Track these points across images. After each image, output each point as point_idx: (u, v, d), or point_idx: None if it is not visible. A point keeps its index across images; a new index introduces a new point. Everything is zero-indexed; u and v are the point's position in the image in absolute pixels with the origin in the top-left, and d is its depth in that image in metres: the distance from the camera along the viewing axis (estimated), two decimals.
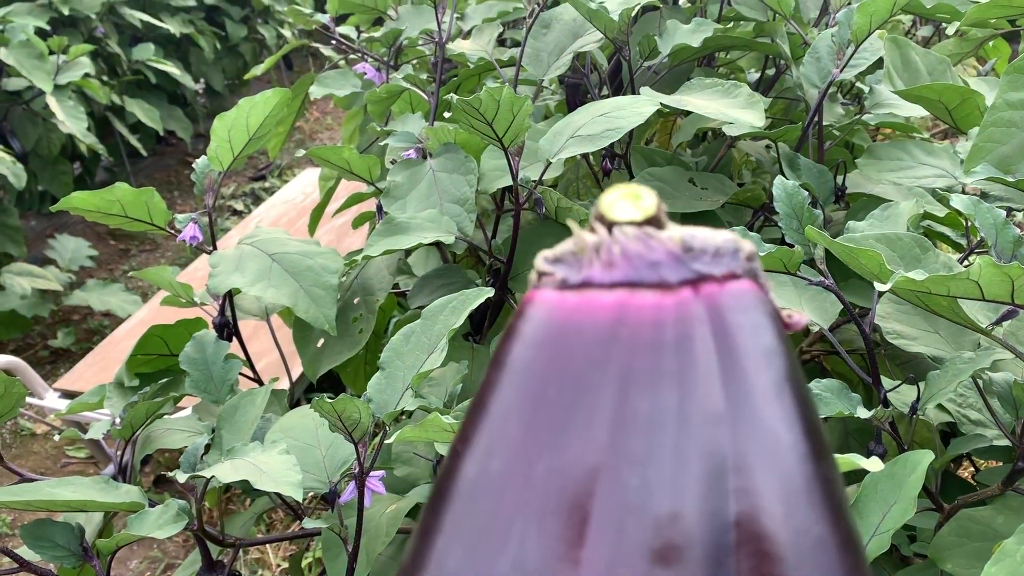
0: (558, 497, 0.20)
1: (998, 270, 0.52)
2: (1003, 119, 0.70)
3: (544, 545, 0.19)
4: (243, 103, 0.95)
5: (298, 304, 0.88)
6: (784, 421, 0.21)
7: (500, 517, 0.20)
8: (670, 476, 0.20)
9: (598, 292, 0.22)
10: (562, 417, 0.20)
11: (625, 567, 0.19)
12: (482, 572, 0.19)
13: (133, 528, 0.69)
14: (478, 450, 0.21)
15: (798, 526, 0.20)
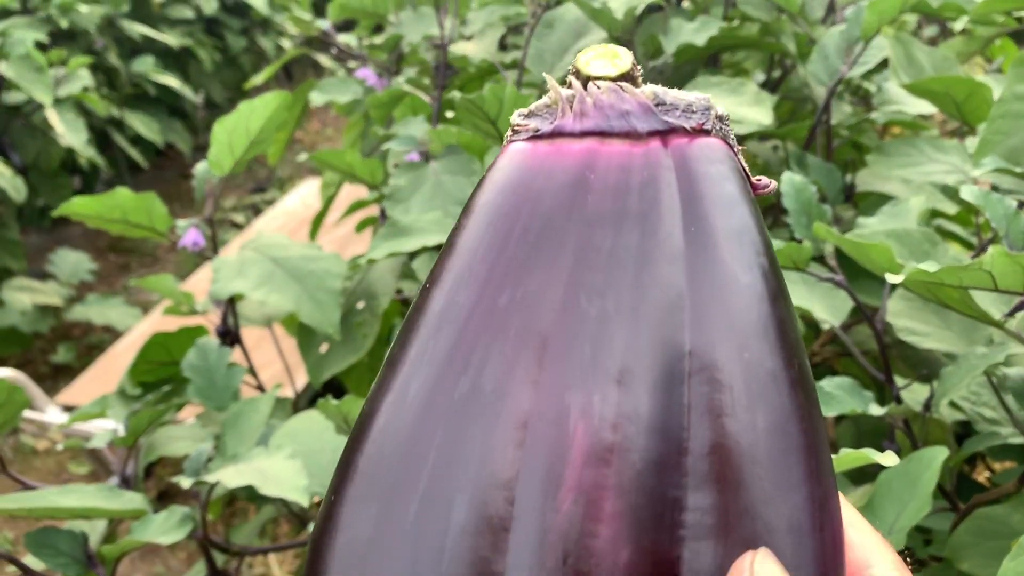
0: (519, 326, 0.20)
1: (1011, 259, 0.51)
2: (1011, 111, 0.70)
3: (503, 369, 0.20)
4: (243, 106, 0.94)
5: (301, 308, 0.87)
6: (742, 264, 0.21)
7: (463, 344, 0.21)
8: (627, 307, 0.20)
9: (569, 140, 0.23)
10: (527, 254, 0.21)
11: (580, 389, 0.20)
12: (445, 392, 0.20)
13: (137, 534, 0.68)
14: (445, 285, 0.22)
15: (750, 359, 0.20)
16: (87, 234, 3.47)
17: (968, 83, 0.82)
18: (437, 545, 0.19)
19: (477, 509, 0.20)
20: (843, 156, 1.14)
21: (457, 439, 0.20)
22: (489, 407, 0.20)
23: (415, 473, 0.20)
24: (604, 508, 0.19)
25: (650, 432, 0.20)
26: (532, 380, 0.20)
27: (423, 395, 0.21)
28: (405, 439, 0.21)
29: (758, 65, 1.50)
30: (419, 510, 0.20)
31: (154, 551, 2.07)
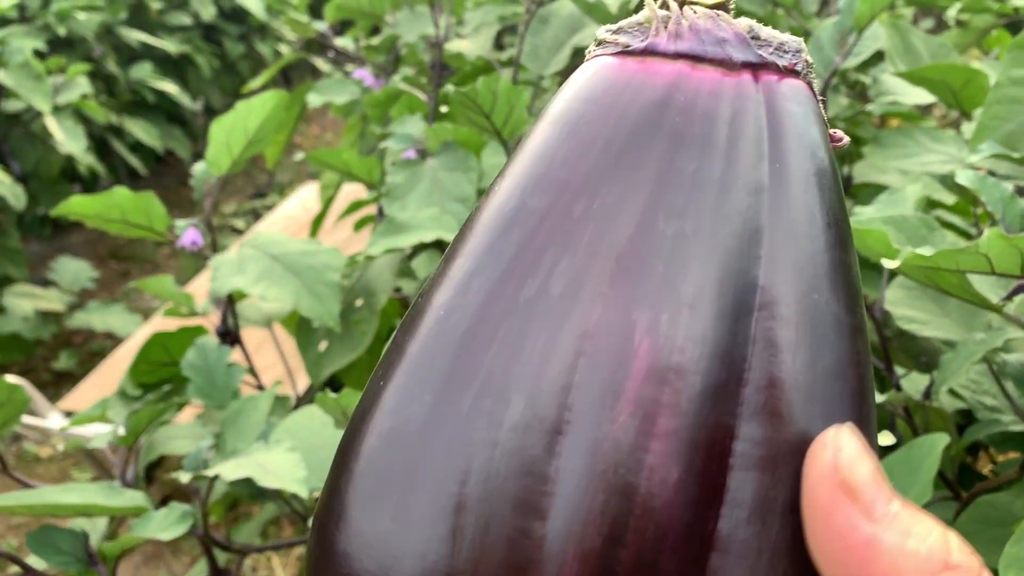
0: (593, 236, 0.20)
1: (1007, 242, 0.51)
2: (1008, 96, 0.70)
3: (572, 276, 0.20)
4: (240, 106, 0.95)
5: (301, 302, 0.87)
6: (820, 207, 0.22)
7: (533, 246, 0.20)
8: (706, 232, 0.20)
9: (660, 60, 0.22)
10: (608, 166, 0.21)
11: (649, 307, 0.20)
12: (510, 291, 0.20)
13: (138, 530, 0.68)
14: (517, 187, 0.21)
15: (819, 301, 0.21)
16: (88, 242, 3.48)
17: (965, 70, 0.82)
18: (491, 439, 0.19)
19: (533, 409, 0.20)
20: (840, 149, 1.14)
21: (519, 339, 0.20)
22: (555, 312, 0.20)
23: (473, 367, 0.20)
24: (659, 425, 0.20)
25: (712, 358, 0.20)
26: (601, 291, 0.20)
27: (487, 291, 0.21)
28: (465, 332, 0.20)
29: None
30: (475, 402, 0.20)
31: (158, 556, 2.07)
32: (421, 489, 0.20)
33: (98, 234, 3.52)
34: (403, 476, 0.20)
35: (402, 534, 0.20)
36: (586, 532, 0.19)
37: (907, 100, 1.00)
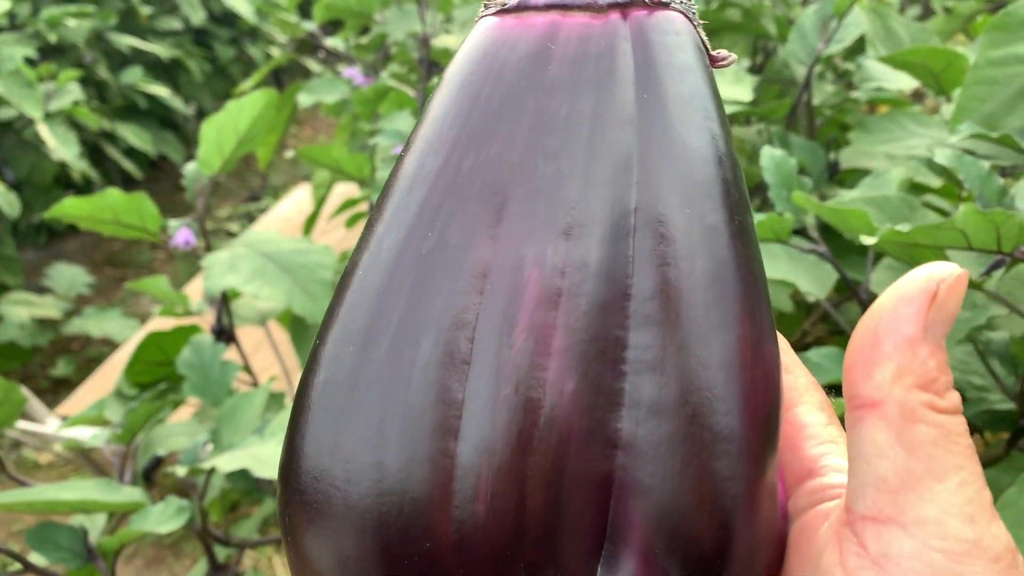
0: (481, 187, 0.23)
1: (983, 217, 0.52)
2: (985, 77, 0.71)
3: (465, 225, 0.22)
4: (231, 105, 0.95)
5: (294, 300, 0.88)
6: (690, 128, 0.23)
7: (430, 204, 0.23)
8: (580, 168, 0.23)
9: (533, 13, 0.24)
10: (489, 120, 0.23)
11: (534, 240, 0.22)
12: (414, 246, 0.22)
13: (136, 525, 0.69)
14: (416, 151, 0.24)
15: (691, 214, 0.23)
16: (83, 249, 3.48)
17: (946, 53, 0.83)
18: (405, 377, 0.22)
19: (441, 346, 0.22)
20: (825, 135, 1.15)
21: (424, 287, 0.22)
22: (453, 259, 0.22)
23: (387, 317, 0.22)
24: (552, 344, 0.22)
25: (596, 279, 0.22)
26: (492, 235, 0.22)
27: (395, 249, 0.23)
28: (378, 288, 0.23)
29: (744, 52, 1.51)
30: (391, 347, 0.22)
31: (160, 560, 2.08)
32: (351, 428, 0.22)
33: (93, 241, 3.52)
34: (337, 419, 0.22)
35: (340, 466, 0.22)
36: (495, 446, 0.22)
37: (891, 85, 1.01)
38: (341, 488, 0.22)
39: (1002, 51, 0.70)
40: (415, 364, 0.22)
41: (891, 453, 0.21)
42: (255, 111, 0.96)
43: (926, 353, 0.21)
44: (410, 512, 0.21)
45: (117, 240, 3.53)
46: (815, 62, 0.95)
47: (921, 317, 0.21)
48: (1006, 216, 0.53)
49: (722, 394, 0.22)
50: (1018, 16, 0.70)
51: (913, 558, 0.20)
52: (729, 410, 0.22)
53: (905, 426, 0.21)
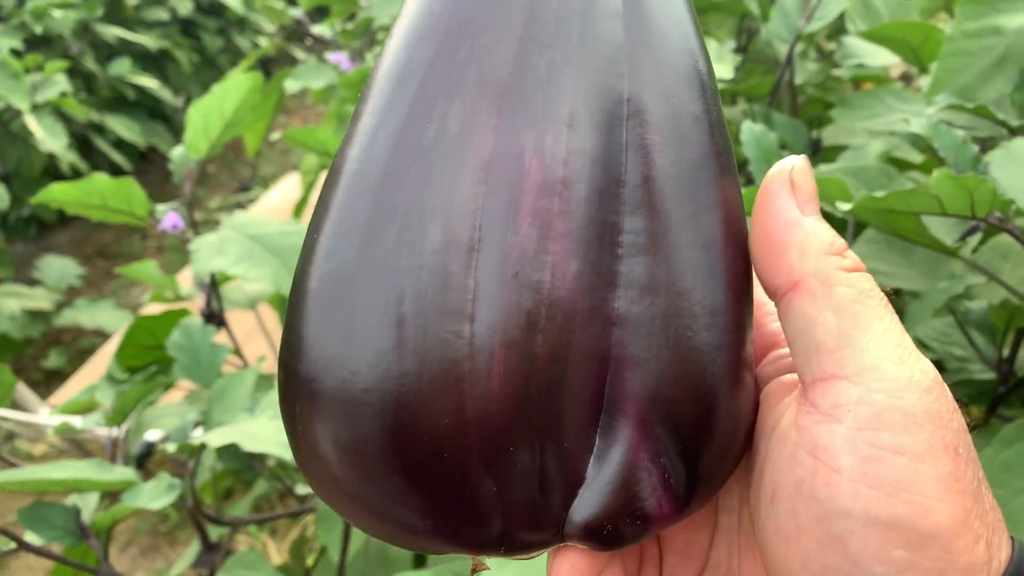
0: (477, 77, 0.23)
1: (956, 182, 0.53)
2: (961, 49, 0.71)
3: (464, 115, 0.23)
4: (216, 89, 0.96)
5: (281, 281, 0.89)
6: (671, 21, 0.25)
7: (426, 94, 0.23)
8: (574, 58, 0.24)
9: None
10: (481, 12, 0.24)
11: (534, 128, 0.23)
12: (412, 138, 0.23)
13: (128, 501, 0.69)
14: (402, 43, 0.24)
15: (678, 104, 0.25)
16: (73, 241, 3.48)
17: (923, 27, 0.84)
18: (416, 264, 0.23)
19: (449, 233, 0.23)
20: (808, 113, 1.16)
21: (428, 177, 0.23)
22: (455, 149, 0.23)
23: (391, 207, 0.23)
24: (555, 229, 0.23)
25: (593, 166, 0.24)
26: (492, 125, 0.23)
27: (392, 141, 0.24)
28: (379, 179, 0.24)
29: (729, 34, 1.52)
30: (398, 236, 0.23)
31: (155, 548, 2.09)
32: (365, 314, 0.23)
33: (84, 233, 3.52)
34: (346, 307, 0.23)
35: (354, 352, 0.23)
36: (507, 325, 0.23)
37: (872, 62, 1.02)
38: (357, 372, 0.23)
39: (977, 23, 0.71)
40: (424, 251, 0.23)
41: (821, 318, 0.24)
42: (241, 94, 0.96)
43: (813, 225, 0.25)
44: (428, 392, 0.23)
45: (107, 232, 3.53)
46: (796, 40, 0.96)
47: (791, 201, 0.25)
48: (978, 181, 0.54)
49: (707, 272, 0.24)
50: None
51: (860, 402, 0.23)
52: (714, 286, 0.24)
53: (825, 291, 0.24)
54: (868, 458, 0.23)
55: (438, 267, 0.23)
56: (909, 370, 0.23)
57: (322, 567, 0.95)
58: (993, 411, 0.77)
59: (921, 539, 0.22)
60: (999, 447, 0.60)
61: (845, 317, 0.24)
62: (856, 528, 0.23)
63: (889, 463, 0.23)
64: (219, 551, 0.86)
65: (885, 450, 0.23)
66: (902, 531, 0.23)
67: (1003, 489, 0.59)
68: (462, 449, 0.23)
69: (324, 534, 0.79)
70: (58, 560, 0.71)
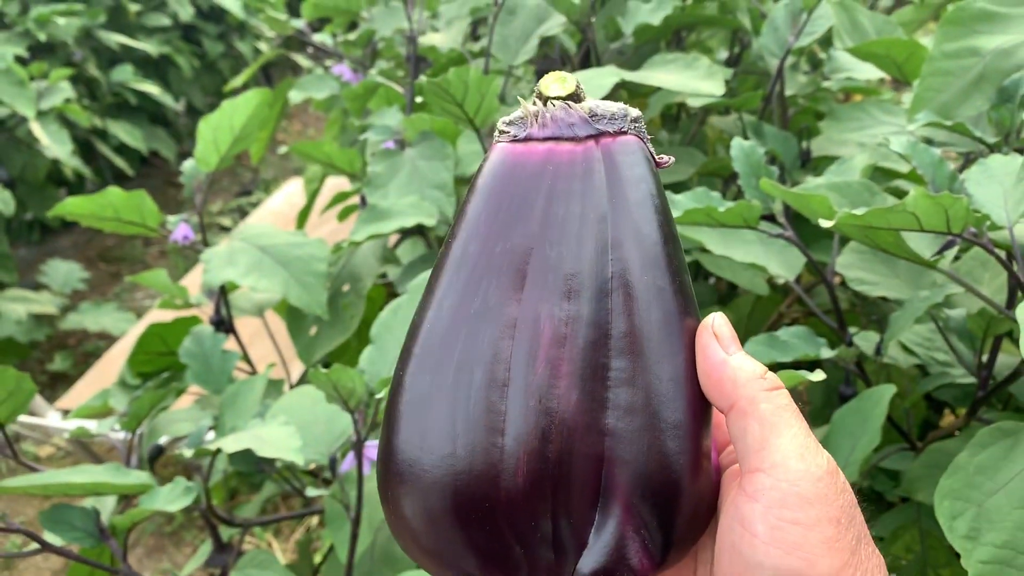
0: (508, 265, 0.34)
1: (932, 200, 0.56)
2: (940, 69, 0.75)
3: (499, 292, 0.34)
4: (226, 105, 0.99)
5: (290, 292, 0.92)
6: (646, 220, 0.35)
7: (474, 278, 0.34)
8: (574, 250, 0.34)
9: (536, 143, 0.36)
10: (511, 218, 0.35)
11: (546, 301, 0.34)
12: (465, 308, 0.34)
13: (145, 504, 0.73)
14: (460, 240, 0.35)
15: (649, 280, 0.34)
16: (76, 245, 3.50)
17: (908, 44, 0.87)
18: (465, 395, 0.34)
19: (488, 375, 0.34)
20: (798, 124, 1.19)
21: (475, 334, 0.34)
22: (493, 316, 0.34)
23: (450, 356, 0.34)
24: (561, 370, 0.34)
25: (588, 326, 0.34)
26: (518, 299, 0.34)
27: (452, 310, 0.34)
28: (443, 335, 0.34)
29: (722, 44, 1.55)
30: (454, 377, 0.34)
31: (160, 549, 2.12)
32: (432, 430, 0.34)
33: (87, 237, 3.54)
34: (420, 425, 0.34)
35: (426, 457, 0.34)
36: (528, 437, 0.33)
37: (860, 75, 1.05)
38: (428, 470, 0.34)
39: (956, 44, 0.74)
40: (472, 387, 0.33)
41: (750, 428, 0.33)
42: (249, 110, 1.00)
43: (738, 360, 0.34)
44: (474, 483, 0.33)
45: (111, 237, 3.56)
46: (787, 54, 0.99)
47: (717, 347, 0.34)
48: (953, 200, 0.58)
49: (672, 398, 0.34)
50: (970, 10, 0.74)
51: (771, 489, 0.32)
52: (677, 408, 0.34)
53: (753, 408, 0.33)
54: (774, 527, 0.32)
55: (480, 398, 0.33)
56: (807, 464, 0.33)
57: (329, 565, 0.98)
58: (973, 414, 0.80)
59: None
60: (975, 450, 0.63)
61: (765, 427, 0.33)
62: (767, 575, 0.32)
63: (788, 531, 0.32)
64: (231, 551, 0.89)
65: (786, 522, 0.32)
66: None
67: (978, 491, 0.62)
68: (498, 522, 0.33)
69: (332, 534, 0.82)
70: (80, 561, 0.74)
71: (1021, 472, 0.61)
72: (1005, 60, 0.73)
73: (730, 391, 0.34)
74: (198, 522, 2.16)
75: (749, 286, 1.01)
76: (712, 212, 0.71)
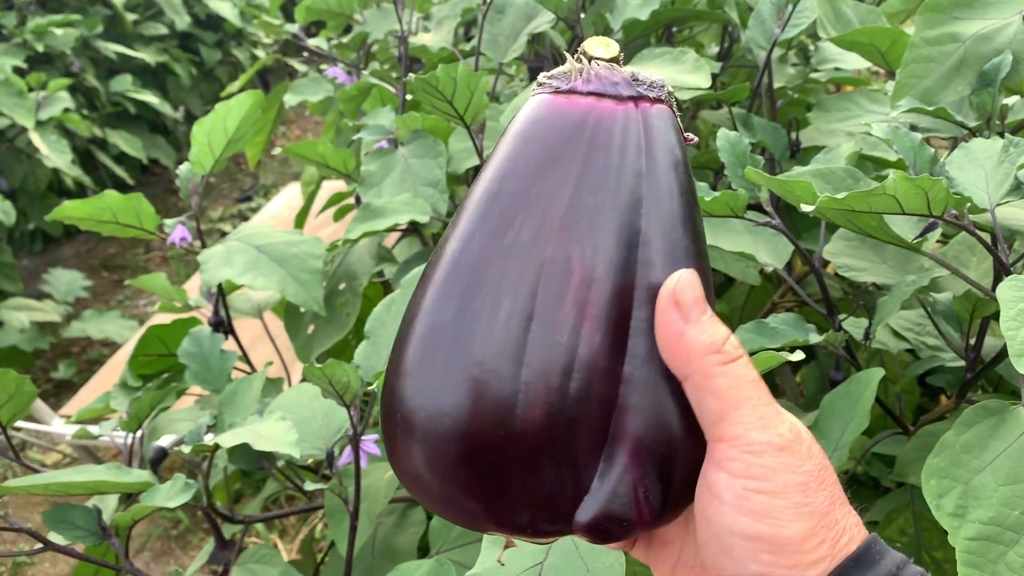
0: (544, 205, 0.35)
1: (911, 183, 0.57)
2: (922, 55, 0.76)
3: (533, 229, 0.35)
4: (219, 107, 1.00)
5: (286, 289, 0.93)
6: (676, 183, 0.37)
7: (508, 213, 0.35)
8: (610, 201, 0.35)
9: (578, 96, 0.37)
10: (551, 161, 0.36)
11: (579, 244, 0.35)
12: (497, 241, 0.35)
13: (146, 500, 0.74)
14: (496, 176, 0.36)
15: (677, 239, 0.36)
16: (78, 255, 3.52)
17: (890, 32, 0.88)
18: (491, 324, 0.34)
19: (516, 306, 0.34)
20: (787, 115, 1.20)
21: (506, 267, 0.34)
22: (525, 252, 0.34)
23: (479, 284, 0.34)
24: (587, 312, 0.34)
25: (616, 273, 0.35)
26: (552, 239, 0.34)
27: (484, 241, 0.35)
28: (473, 263, 0.35)
29: (713, 39, 1.56)
30: (481, 304, 0.34)
31: (167, 552, 2.13)
32: (453, 359, 0.34)
33: (89, 246, 3.56)
34: (442, 351, 0.34)
35: (443, 386, 0.34)
36: (549, 373, 0.34)
37: (847, 66, 1.06)
38: (448, 395, 0.33)
39: (936, 31, 0.75)
40: (498, 317, 0.34)
41: (706, 402, 0.34)
42: (243, 112, 1.01)
43: (695, 331, 0.34)
44: (494, 411, 0.33)
45: (112, 244, 3.58)
46: (773, 46, 1.00)
47: (676, 316, 0.34)
48: (932, 182, 0.58)
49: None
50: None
51: (734, 460, 0.33)
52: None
53: (707, 383, 0.33)
54: (740, 496, 0.33)
55: (507, 328, 0.34)
56: (768, 435, 0.33)
57: (332, 562, 0.99)
58: (963, 396, 0.81)
59: (779, 546, 0.32)
60: (961, 428, 0.64)
61: (722, 400, 0.33)
62: (736, 541, 0.33)
63: (754, 499, 0.33)
64: (233, 548, 0.90)
65: (751, 491, 0.33)
66: (766, 542, 0.33)
67: (964, 469, 0.63)
68: (509, 456, 0.33)
69: (332, 529, 0.83)
70: (82, 559, 0.75)
71: (1007, 450, 0.62)
72: (985, 45, 0.74)
73: (684, 364, 0.34)
74: (204, 524, 2.17)
75: (741, 276, 1.02)
76: (699, 201, 0.71)
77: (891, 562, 0.33)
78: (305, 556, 1.19)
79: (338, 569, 0.94)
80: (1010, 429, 0.63)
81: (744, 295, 1.17)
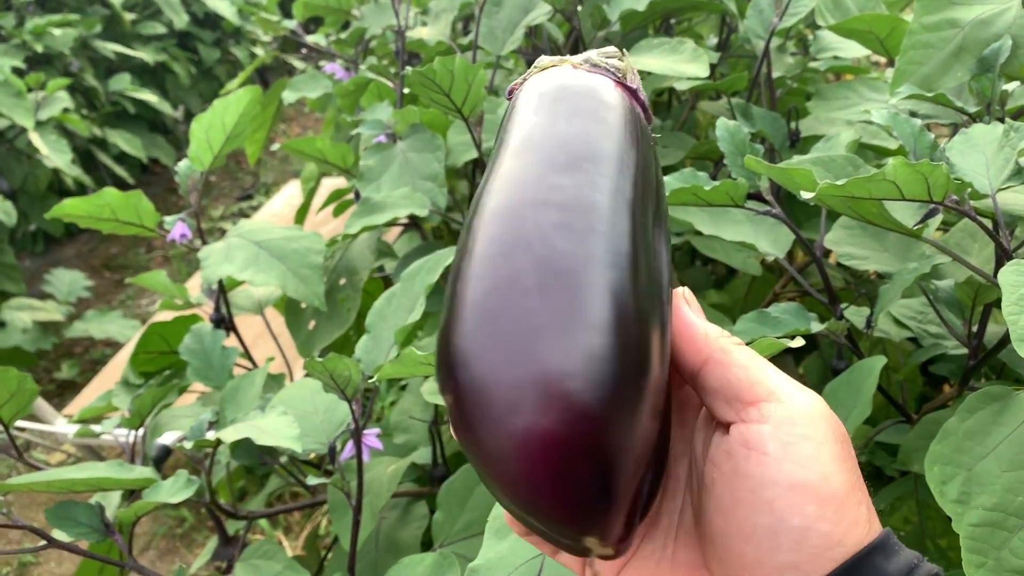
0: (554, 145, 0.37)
1: (911, 168, 0.56)
2: (921, 41, 0.75)
3: (541, 168, 0.35)
4: (217, 103, 1.00)
5: (287, 285, 0.93)
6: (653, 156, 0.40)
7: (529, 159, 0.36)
8: (595, 134, 0.38)
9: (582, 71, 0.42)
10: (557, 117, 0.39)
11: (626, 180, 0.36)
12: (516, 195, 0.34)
13: (149, 496, 0.74)
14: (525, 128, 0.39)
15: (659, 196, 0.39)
16: (80, 255, 3.52)
17: (888, 19, 0.88)
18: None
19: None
20: (786, 105, 1.19)
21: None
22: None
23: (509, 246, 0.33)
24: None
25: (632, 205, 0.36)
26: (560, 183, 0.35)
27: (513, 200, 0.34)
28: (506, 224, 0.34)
29: (712, 30, 1.56)
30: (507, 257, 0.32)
31: (172, 551, 2.13)
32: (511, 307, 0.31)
33: (90, 246, 3.56)
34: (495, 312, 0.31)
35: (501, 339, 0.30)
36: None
37: (846, 54, 1.05)
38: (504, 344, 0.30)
39: (935, 16, 0.75)
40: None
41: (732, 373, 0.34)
42: (241, 107, 1.01)
43: (705, 324, 0.36)
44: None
45: (113, 244, 3.58)
46: (771, 35, 1.00)
47: (689, 315, 0.37)
48: (932, 167, 0.58)
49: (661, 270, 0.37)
50: None
51: (777, 411, 0.33)
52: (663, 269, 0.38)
53: (728, 357, 0.35)
54: (787, 444, 0.32)
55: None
56: (804, 394, 0.34)
57: (336, 557, 0.99)
58: (966, 383, 0.81)
59: (824, 498, 0.31)
60: (964, 415, 0.64)
61: (749, 370, 0.34)
62: (780, 492, 0.32)
63: (801, 446, 0.32)
64: (237, 544, 0.90)
65: (797, 437, 0.32)
66: (812, 492, 0.31)
67: (968, 455, 0.63)
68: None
69: (336, 524, 0.83)
70: (86, 555, 0.75)
71: (1009, 436, 0.62)
72: (984, 30, 0.74)
73: (703, 345, 0.35)
74: (208, 523, 2.17)
75: (742, 267, 1.01)
76: (698, 191, 0.71)
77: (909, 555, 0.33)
78: (309, 552, 1.19)
79: (342, 564, 0.94)
80: (1013, 415, 0.63)
81: (746, 286, 1.17)
